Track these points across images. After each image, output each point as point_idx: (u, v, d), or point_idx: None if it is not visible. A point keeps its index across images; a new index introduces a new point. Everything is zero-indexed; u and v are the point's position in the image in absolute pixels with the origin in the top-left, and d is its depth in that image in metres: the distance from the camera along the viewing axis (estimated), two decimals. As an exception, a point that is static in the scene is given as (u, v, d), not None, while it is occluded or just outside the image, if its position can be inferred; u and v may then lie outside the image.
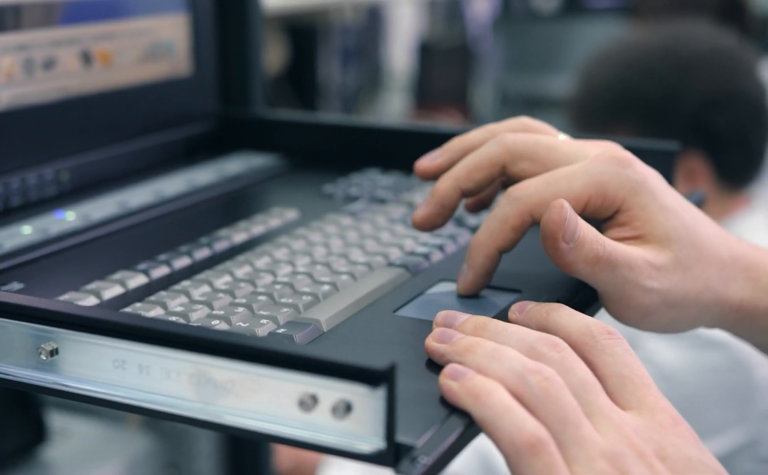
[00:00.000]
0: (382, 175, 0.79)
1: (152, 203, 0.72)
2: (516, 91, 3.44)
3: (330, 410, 0.40)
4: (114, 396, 0.44)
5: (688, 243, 0.54)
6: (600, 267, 0.52)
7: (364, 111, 2.94)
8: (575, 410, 0.43)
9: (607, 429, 0.43)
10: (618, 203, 0.54)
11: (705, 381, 1.25)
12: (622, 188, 0.54)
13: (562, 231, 0.51)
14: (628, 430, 0.44)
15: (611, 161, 0.54)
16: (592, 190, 0.54)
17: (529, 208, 0.53)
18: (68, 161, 0.73)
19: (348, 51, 2.89)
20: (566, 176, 0.54)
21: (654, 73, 1.43)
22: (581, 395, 0.44)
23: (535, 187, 0.54)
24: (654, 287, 0.53)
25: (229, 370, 0.42)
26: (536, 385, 0.43)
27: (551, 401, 0.43)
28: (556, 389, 0.43)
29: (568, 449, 0.42)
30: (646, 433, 0.44)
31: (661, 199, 0.54)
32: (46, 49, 0.71)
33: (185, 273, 0.59)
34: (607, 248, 0.52)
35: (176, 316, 0.52)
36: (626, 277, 0.52)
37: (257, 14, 0.92)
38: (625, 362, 0.46)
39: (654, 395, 0.46)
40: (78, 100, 0.74)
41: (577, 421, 0.43)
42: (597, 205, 0.54)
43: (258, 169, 0.82)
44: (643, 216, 0.54)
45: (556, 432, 0.43)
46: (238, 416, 0.42)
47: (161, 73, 0.82)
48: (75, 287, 0.56)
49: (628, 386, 0.46)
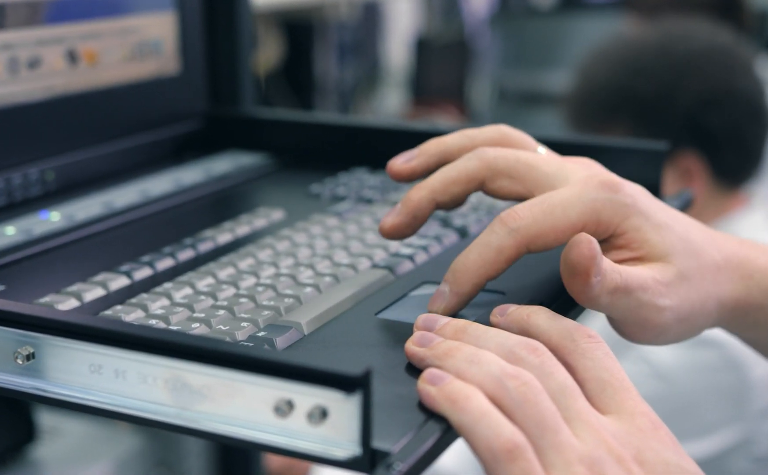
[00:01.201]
0: (370, 175, 0.79)
1: (138, 203, 0.71)
2: (513, 87, 3.43)
3: (306, 415, 0.40)
4: (90, 401, 0.44)
5: (686, 254, 0.54)
6: (618, 295, 0.51)
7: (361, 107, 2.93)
8: (554, 415, 0.43)
9: (586, 434, 0.43)
10: (612, 228, 0.54)
11: (699, 380, 1.25)
12: (615, 214, 0.53)
13: (594, 267, 0.49)
14: (606, 435, 0.43)
15: (602, 187, 0.53)
16: (587, 218, 0.53)
17: (527, 240, 0.52)
18: (54, 161, 0.73)
19: (345, 47, 2.89)
20: (561, 205, 0.53)
21: (649, 72, 1.42)
22: (560, 399, 0.44)
23: (532, 218, 0.52)
24: (666, 304, 0.53)
25: (205, 375, 0.41)
26: (514, 390, 0.43)
27: (529, 405, 0.43)
28: (535, 393, 0.43)
29: (546, 454, 0.42)
30: (625, 437, 0.44)
31: (654, 218, 0.54)
32: (30, 48, 0.71)
33: (168, 275, 0.58)
34: (623, 275, 0.51)
35: (157, 319, 0.51)
36: (641, 299, 0.52)
37: (246, 12, 0.92)
38: (605, 366, 0.46)
39: (634, 399, 0.45)
40: (64, 100, 0.74)
41: (555, 426, 0.43)
42: (591, 232, 0.53)
43: (246, 169, 0.81)
44: (639, 237, 0.54)
45: (534, 437, 0.42)
46: (214, 422, 0.42)
47: (149, 72, 0.82)
48: (56, 289, 0.55)
49: (608, 390, 0.45)
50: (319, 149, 0.85)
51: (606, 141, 0.81)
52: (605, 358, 0.46)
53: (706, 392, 1.25)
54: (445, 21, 3.63)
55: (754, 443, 1.26)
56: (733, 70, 1.43)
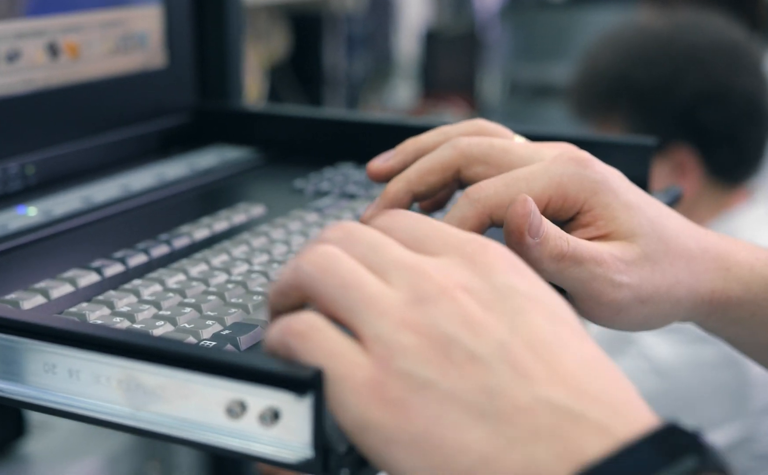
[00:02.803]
0: (356, 170, 0.78)
1: (118, 198, 0.71)
2: (524, 79, 3.41)
3: (258, 417, 0.39)
4: (44, 401, 0.43)
5: (655, 237, 0.53)
6: (565, 263, 0.51)
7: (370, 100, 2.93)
8: (354, 271, 0.40)
9: (402, 277, 0.39)
10: (579, 204, 0.53)
11: (699, 376, 1.24)
12: (582, 189, 0.53)
13: (527, 224, 0.49)
14: (426, 268, 0.40)
15: (570, 162, 0.53)
16: (552, 191, 0.53)
17: (489, 210, 0.52)
18: (34, 155, 0.72)
19: (353, 39, 2.88)
20: (525, 177, 0.53)
21: (649, 62, 1.41)
22: (371, 257, 0.41)
23: (494, 189, 0.52)
24: (624, 281, 0.52)
25: (158, 376, 0.41)
26: (309, 266, 0.40)
27: (328, 275, 0.40)
28: (331, 261, 0.40)
29: (355, 315, 0.39)
30: (448, 269, 0.40)
31: (623, 197, 0.53)
32: (9, 41, 0.70)
33: (140, 271, 0.58)
34: (571, 244, 0.51)
35: (122, 316, 0.51)
36: (594, 272, 0.51)
37: (236, 5, 0.91)
38: (417, 227, 0.43)
39: (456, 235, 0.42)
40: (45, 93, 0.73)
41: (358, 282, 0.39)
42: (558, 207, 0.53)
43: (231, 163, 0.80)
44: (606, 215, 0.53)
45: (339, 306, 0.39)
46: (168, 423, 0.41)
47: (134, 65, 0.81)
48: (25, 285, 0.55)
49: (427, 243, 0.42)
50: (306, 144, 0.84)
51: (594, 136, 0.80)
52: (414, 220, 0.43)
53: (706, 389, 1.24)
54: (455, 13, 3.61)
55: (754, 441, 1.24)
56: (736, 68, 1.41)
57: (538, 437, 0.36)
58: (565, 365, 0.37)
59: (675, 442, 0.35)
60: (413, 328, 0.38)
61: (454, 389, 0.37)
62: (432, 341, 0.38)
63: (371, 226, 0.43)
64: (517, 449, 0.36)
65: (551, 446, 0.35)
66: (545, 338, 0.38)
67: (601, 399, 0.37)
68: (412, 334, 0.38)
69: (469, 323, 0.38)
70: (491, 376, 0.37)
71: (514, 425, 0.36)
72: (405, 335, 0.38)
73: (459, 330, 0.38)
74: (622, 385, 0.38)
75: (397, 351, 0.37)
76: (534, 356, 0.37)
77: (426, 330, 0.38)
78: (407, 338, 0.38)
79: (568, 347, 0.38)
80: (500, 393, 0.36)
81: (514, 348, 0.37)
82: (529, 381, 0.37)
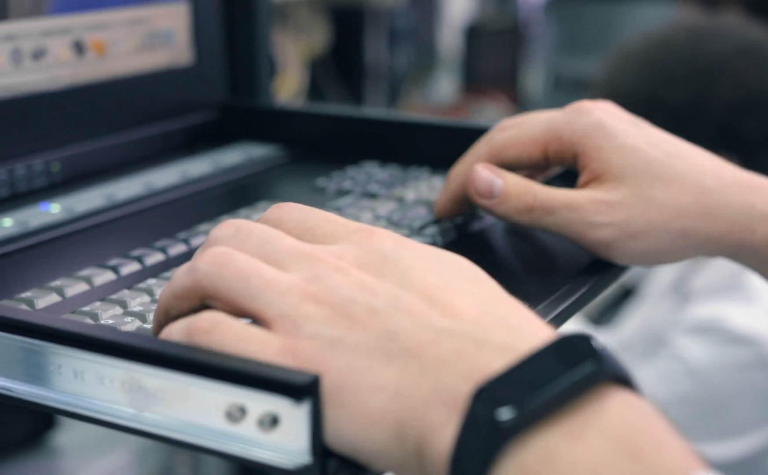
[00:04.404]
0: (379, 169, 0.78)
1: (140, 195, 0.71)
2: (569, 74, 3.39)
3: (257, 422, 0.39)
4: (50, 401, 0.43)
5: (650, 176, 0.57)
6: (537, 214, 0.57)
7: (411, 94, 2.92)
8: (249, 263, 0.41)
9: (297, 262, 0.41)
10: (573, 147, 0.58)
11: (732, 378, 1.22)
12: (575, 132, 0.58)
13: (474, 189, 0.59)
14: (319, 253, 0.41)
15: (571, 110, 0.59)
16: (549, 135, 0.59)
17: (497, 149, 0.60)
18: (59, 152, 0.73)
19: (396, 33, 2.88)
20: (530, 121, 0.60)
21: (677, 80, 1.38)
22: (266, 249, 0.42)
23: (505, 133, 0.61)
24: (603, 221, 0.56)
25: (159, 378, 0.41)
26: (206, 267, 0.41)
27: (225, 269, 0.41)
28: (225, 258, 0.41)
29: (257, 300, 0.40)
30: (341, 251, 0.42)
31: (620, 139, 0.58)
32: (35, 39, 0.71)
33: (156, 270, 0.58)
34: (538, 196, 0.57)
35: (133, 316, 0.51)
36: (569, 217, 0.57)
37: (265, 1, 0.91)
38: (307, 217, 0.44)
39: (344, 225, 0.44)
40: (70, 91, 0.74)
41: (255, 271, 0.41)
42: (556, 150, 0.59)
43: (256, 161, 0.81)
44: (597, 156, 0.58)
45: (241, 296, 0.40)
46: (169, 425, 0.41)
47: (160, 62, 0.81)
48: (41, 283, 0.55)
49: (318, 232, 0.44)
50: (332, 142, 0.84)
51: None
52: (302, 214, 0.45)
53: (739, 392, 1.22)
54: (498, 7, 3.60)
55: (790, 445, 1.23)
56: (765, 71, 1.39)
57: (443, 362, 0.37)
58: (460, 305, 0.39)
59: (574, 351, 0.37)
60: (314, 299, 0.40)
61: (360, 340, 0.39)
62: (333, 306, 0.39)
63: (260, 221, 0.45)
64: (425, 378, 0.37)
65: (457, 368, 0.37)
66: (437, 286, 0.40)
67: (503, 325, 0.39)
68: (313, 304, 0.40)
69: (364, 286, 0.40)
70: (392, 322, 0.39)
71: (420, 358, 0.38)
72: (307, 305, 0.40)
73: (356, 293, 0.40)
74: (524, 312, 0.40)
75: (302, 320, 0.39)
76: (429, 302, 0.39)
77: (326, 299, 0.40)
78: (310, 308, 0.40)
79: (464, 291, 0.40)
80: (403, 333, 0.38)
81: (408, 298, 0.40)
82: (428, 319, 0.39)
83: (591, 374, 0.36)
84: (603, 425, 0.35)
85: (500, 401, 0.35)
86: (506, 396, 0.35)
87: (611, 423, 0.35)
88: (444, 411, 0.37)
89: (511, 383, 0.36)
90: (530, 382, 0.36)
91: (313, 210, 0.45)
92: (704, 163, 0.59)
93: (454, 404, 0.36)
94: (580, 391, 0.36)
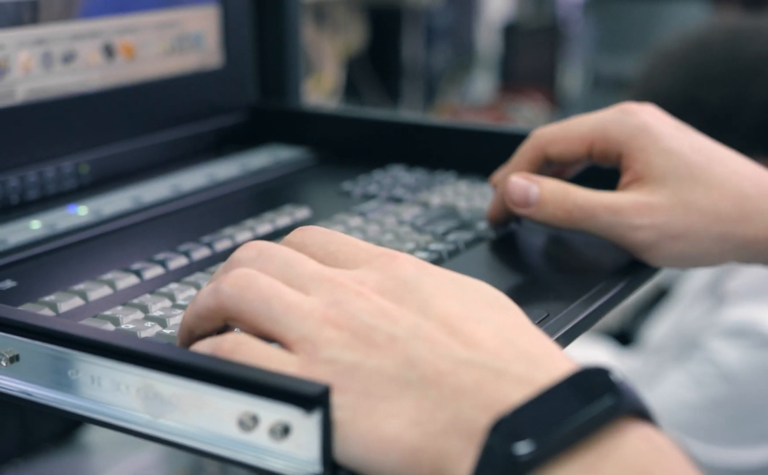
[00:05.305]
0: (406, 172, 0.78)
1: (166, 198, 0.72)
2: (608, 73, 3.37)
3: (268, 431, 0.39)
4: (68, 406, 0.44)
5: (691, 180, 0.58)
6: (577, 218, 0.58)
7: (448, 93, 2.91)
8: (272, 286, 0.41)
9: (318, 288, 0.41)
10: (619, 147, 0.60)
11: (766, 383, 1.21)
12: (621, 133, 0.60)
13: (510, 198, 0.60)
14: (341, 279, 0.42)
15: (619, 110, 0.60)
16: (597, 134, 0.60)
17: (542, 143, 0.62)
18: (89, 155, 0.74)
19: (433, 31, 2.87)
20: (578, 120, 0.61)
21: (714, 81, 1.37)
22: (288, 272, 0.42)
23: (550, 128, 0.62)
24: (645, 223, 0.57)
25: (173, 385, 0.41)
26: (229, 289, 0.42)
27: (248, 292, 0.41)
28: (248, 281, 0.41)
29: (279, 323, 0.40)
30: (362, 277, 0.42)
31: (664, 143, 0.59)
32: (65, 42, 0.71)
33: (179, 274, 0.58)
34: (578, 201, 0.58)
35: (153, 321, 0.51)
36: (611, 221, 0.58)
37: (295, 3, 0.92)
38: (329, 241, 0.45)
39: (366, 249, 0.44)
40: (100, 94, 0.74)
41: (277, 293, 0.41)
42: (602, 149, 0.60)
43: (283, 163, 0.81)
44: (641, 158, 0.59)
45: (263, 318, 0.41)
46: (184, 433, 0.41)
47: (189, 65, 0.82)
48: (65, 286, 0.56)
49: (340, 257, 0.44)
50: (360, 144, 0.84)
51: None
52: (325, 237, 0.45)
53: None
54: (536, 5, 3.58)
55: (824, 452, 1.21)
56: None
57: (462, 393, 0.37)
58: (480, 334, 0.39)
59: (593, 384, 0.36)
60: (335, 323, 0.40)
61: (379, 366, 0.39)
62: (353, 332, 0.40)
63: (283, 244, 0.45)
64: (443, 408, 0.37)
65: (475, 399, 0.37)
66: (458, 314, 0.40)
67: (522, 356, 0.38)
68: (334, 329, 0.40)
69: (385, 313, 0.40)
70: (412, 350, 0.39)
71: (438, 387, 0.38)
72: (328, 330, 0.40)
73: (377, 319, 0.40)
74: (545, 342, 0.40)
75: (322, 344, 0.39)
76: (449, 331, 0.39)
77: (346, 324, 0.40)
78: (330, 332, 0.40)
79: (484, 319, 0.40)
80: (422, 362, 0.38)
81: (428, 327, 0.39)
82: (448, 349, 0.39)
83: (609, 409, 0.36)
84: (620, 460, 0.35)
85: (518, 434, 0.35)
86: (524, 430, 0.35)
87: (628, 458, 0.35)
88: (461, 442, 0.37)
89: (529, 416, 0.36)
90: (548, 415, 0.35)
91: (335, 234, 0.45)
92: (744, 169, 0.59)
93: (471, 436, 0.36)
94: (598, 425, 0.35)
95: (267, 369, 0.39)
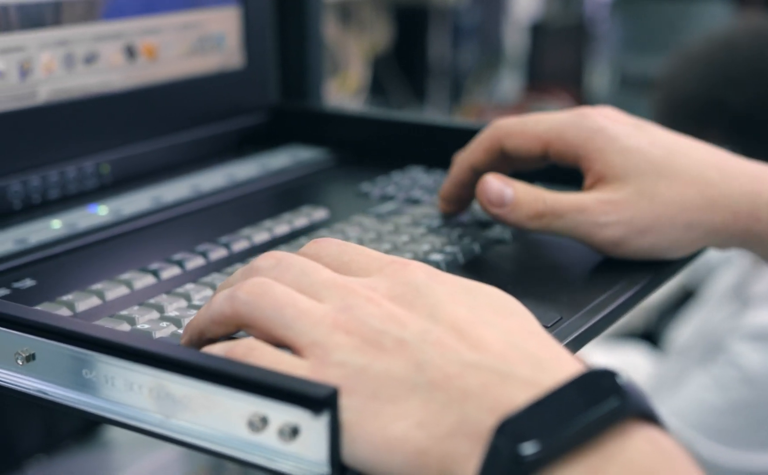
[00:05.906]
0: (424, 174, 0.78)
1: (186, 198, 0.72)
2: (635, 72, 3.35)
3: (277, 432, 0.40)
4: (83, 405, 0.45)
5: (654, 174, 0.58)
6: (548, 219, 0.59)
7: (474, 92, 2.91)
8: (286, 293, 0.42)
9: (331, 293, 0.42)
10: (576, 149, 0.60)
11: (790, 388, 1.20)
12: (578, 136, 0.60)
13: (486, 198, 0.61)
14: (353, 286, 0.43)
15: (576, 114, 0.61)
16: (553, 135, 0.61)
17: (499, 135, 0.63)
18: (110, 155, 0.75)
19: (461, 30, 2.87)
20: (535, 119, 0.62)
21: (739, 82, 1.36)
22: (303, 281, 0.43)
23: (509, 121, 0.63)
24: (611, 220, 0.58)
25: (184, 386, 0.41)
26: (245, 296, 0.43)
27: (263, 299, 0.42)
28: (263, 288, 0.43)
29: (291, 329, 0.41)
30: (374, 284, 0.43)
31: (621, 142, 0.59)
32: (87, 43, 0.72)
33: (195, 274, 0.59)
34: (548, 202, 0.59)
35: (169, 321, 0.52)
36: (576, 220, 0.59)
37: (316, 4, 0.92)
38: (343, 252, 0.46)
39: (378, 258, 0.45)
40: (122, 94, 0.75)
41: (290, 301, 0.42)
42: (559, 150, 0.61)
43: (303, 164, 0.81)
44: (600, 158, 0.59)
45: (276, 325, 0.42)
46: (195, 433, 0.42)
47: (211, 66, 0.82)
48: (82, 286, 0.56)
49: (353, 266, 0.45)
50: (379, 145, 0.84)
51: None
52: (339, 248, 0.46)
53: (796, 401, 1.20)
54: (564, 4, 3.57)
55: None
56: None
57: (468, 395, 0.38)
58: (488, 339, 0.40)
59: (598, 386, 0.37)
60: (345, 328, 0.41)
61: (387, 369, 0.39)
62: (363, 336, 0.40)
63: (300, 254, 0.46)
64: (449, 410, 0.38)
65: (481, 401, 0.37)
66: (467, 319, 0.41)
67: (528, 359, 0.39)
68: (344, 333, 0.41)
69: (394, 318, 0.41)
70: (420, 353, 0.39)
71: (445, 390, 0.38)
72: (338, 334, 0.41)
73: (386, 324, 0.41)
74: (552, 346, 0.40)
75: (332, 348, 0.40)
76: (457, 335, 0.40)
77: (356, 329, 0.41)
78: (340, 337, 0.41)
79: (493, 324, 0.41)
80: (430, 365, 0.39)
81: (437, 331, 0.40)
82: (455, 353, 0.39)
83: (615, 410, 0.36)
84: (625, 462, 0.35)
85: (523, 435, 0.35)
86: (529, 431, 0.35)
87: (633, 460, 0.35)
88: (468, 444, 0.37)
89: (534, 417, 0.36)
90: (554, 416, 0.36)
91: (349, 245, 0.46)
92: (709, 157, 0.60)
93: (477, 437, 0.37)
94: (603, 427, 0.36)
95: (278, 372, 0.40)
